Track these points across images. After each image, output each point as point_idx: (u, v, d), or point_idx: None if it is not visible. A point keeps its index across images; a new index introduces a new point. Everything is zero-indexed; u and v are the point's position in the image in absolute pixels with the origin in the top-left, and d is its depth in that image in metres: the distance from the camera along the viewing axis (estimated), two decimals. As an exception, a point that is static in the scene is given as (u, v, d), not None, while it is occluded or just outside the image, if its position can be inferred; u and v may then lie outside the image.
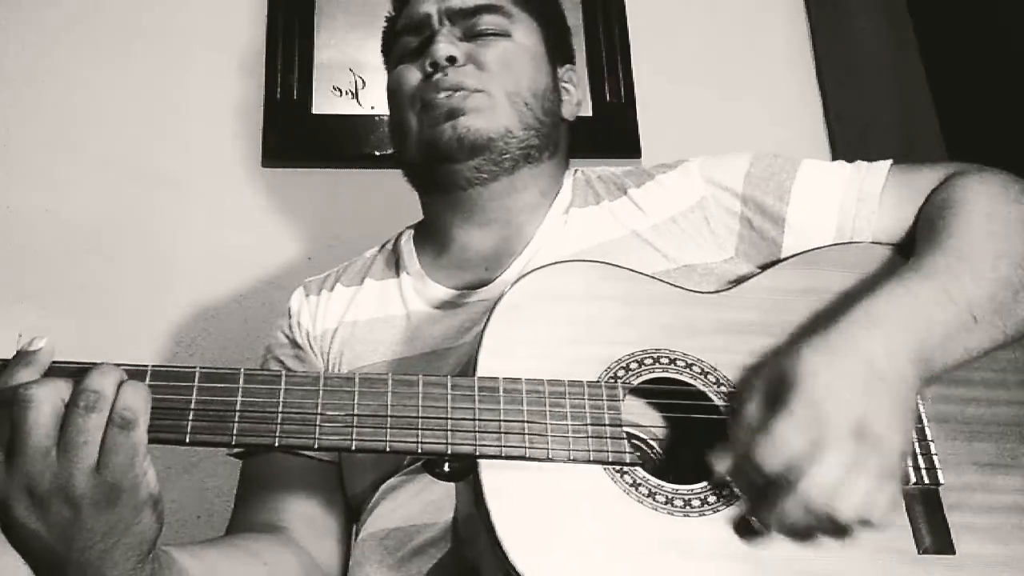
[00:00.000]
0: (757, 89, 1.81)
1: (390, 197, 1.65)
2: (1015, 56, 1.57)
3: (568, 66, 1.20)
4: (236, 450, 1.04)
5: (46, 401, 0.64)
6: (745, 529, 0.72)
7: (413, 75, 1.09)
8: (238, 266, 1.58)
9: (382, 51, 1.22)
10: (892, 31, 1.79)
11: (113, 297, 1.54)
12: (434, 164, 1.06)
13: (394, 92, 1.13)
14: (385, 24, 1.21)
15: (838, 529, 0.69)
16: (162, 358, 1.50)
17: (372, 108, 1.70)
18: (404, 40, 1.13)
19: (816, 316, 0.84)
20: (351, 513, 1.05)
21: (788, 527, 0.69)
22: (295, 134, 1.67)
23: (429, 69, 1.06)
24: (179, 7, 1.76)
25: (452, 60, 1.05)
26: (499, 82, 1.06)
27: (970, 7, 1.69)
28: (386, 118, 1.68)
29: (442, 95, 1.04)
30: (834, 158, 1.73)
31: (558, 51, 1.18)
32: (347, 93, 1.71)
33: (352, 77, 1.72)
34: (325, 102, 1.70)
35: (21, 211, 1.59)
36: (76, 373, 0.67)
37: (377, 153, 1.67)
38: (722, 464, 0.72)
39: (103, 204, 1.60)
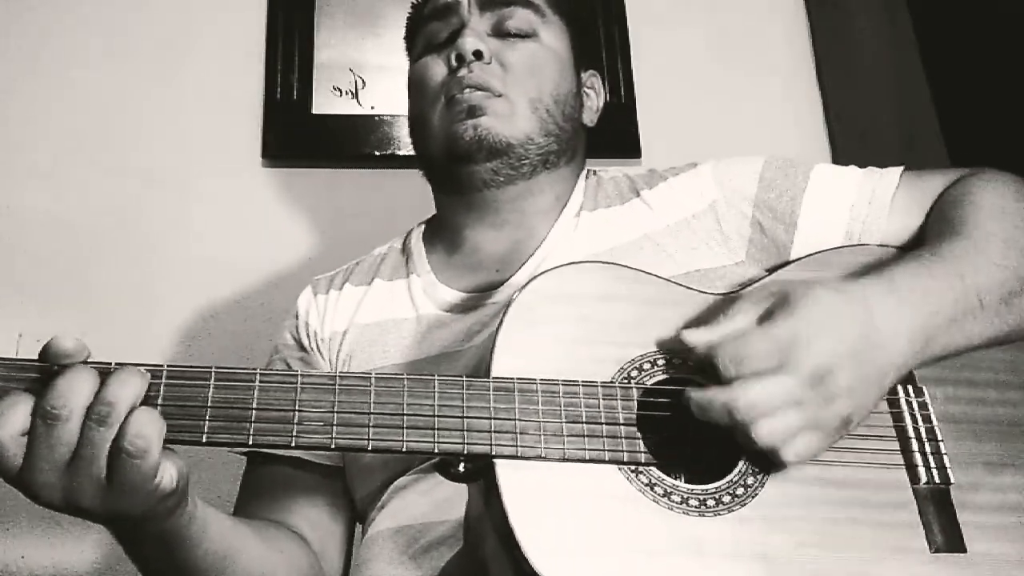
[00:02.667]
0: (757, 89, 1.81)
1: (390, 197, 1.66)
2: (1015, 56, 1.57)
3: (591, 71, 1.19)
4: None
5: (59, 445, 0.64)
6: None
7: (438, 69, 1.07)
8: (238, 266, 1.58)
9: (405, 37, 1.19)
10: (892, 31, 1.79)
11: (113, 297, 1.54)
12: (453, 162, 1.05)
13: (417, 85, 1.10)
14: (411, 9, 1.18)
15: (748, 443, 0.71)
16: (162, 358, 1.50)
17: (372, 108, 1.70)
18: (431, 27, 1.11)
19: None
20: (356, 516, 1.05)
21: (705, 416, 0.72)
22: (295, 134, 1.68)
23: (455, 63, 1.05)
24: (179, 7, 1.76)
25: (479, 55, 1.04)
26: (522, 87, 1.05)
27: (970, 7, 1.69)
28: (386, 118, 1.70)
29: (466, 92, 1.03)
30: (834, 158, 1.74)
31: (583, 56, 1.17)
32: (347, 93, 1.71)
33: (352, 77, 1.72)
34: (325, 102, 1.70)
35: (21, 211, 1.59)
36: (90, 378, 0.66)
37: (377, 153, 1.67)
38: (695, 337, 0.75)
39: (103, 204, 1.60)
